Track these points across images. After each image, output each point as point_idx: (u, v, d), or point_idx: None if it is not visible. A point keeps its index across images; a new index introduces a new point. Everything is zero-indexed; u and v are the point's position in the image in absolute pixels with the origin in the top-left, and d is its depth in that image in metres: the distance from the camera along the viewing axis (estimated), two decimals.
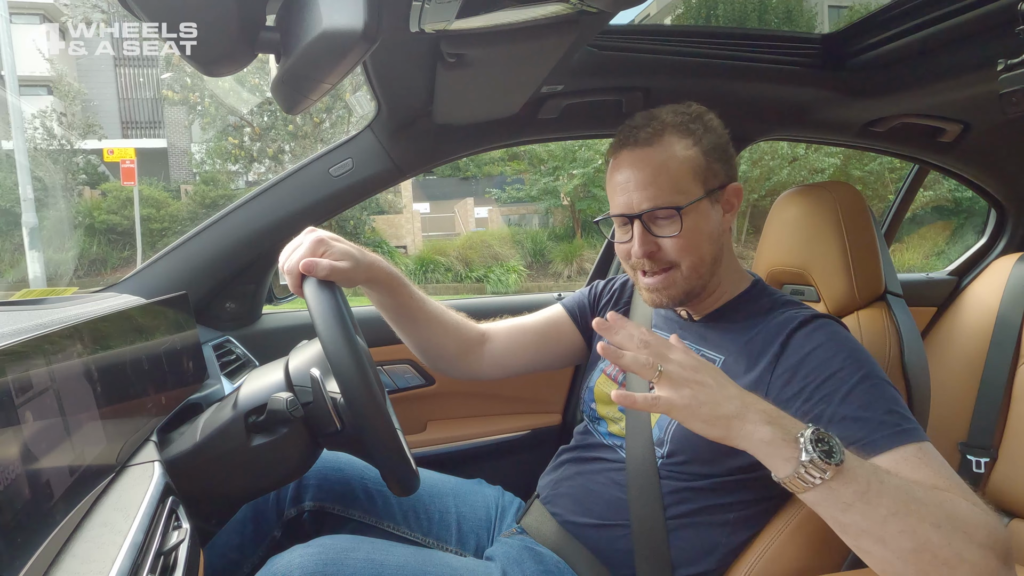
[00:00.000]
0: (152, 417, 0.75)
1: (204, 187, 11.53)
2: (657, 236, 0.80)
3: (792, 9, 11.96)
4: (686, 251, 0.80)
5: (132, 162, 10.18)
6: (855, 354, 0.72)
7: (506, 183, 13.90)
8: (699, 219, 0.80)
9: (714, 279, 0.84)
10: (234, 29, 0.54)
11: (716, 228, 0.82)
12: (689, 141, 0.80)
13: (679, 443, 0.78)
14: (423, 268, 10.51)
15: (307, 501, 0.90)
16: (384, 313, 0.94)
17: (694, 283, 0.82)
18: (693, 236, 0.79)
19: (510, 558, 0.81)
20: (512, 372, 1.02)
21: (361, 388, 0.66)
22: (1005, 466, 1.20)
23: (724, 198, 0.83)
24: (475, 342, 1.00)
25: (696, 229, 0.79)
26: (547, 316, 1.05)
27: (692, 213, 0.79)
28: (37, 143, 10.73)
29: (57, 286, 8.31)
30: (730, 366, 0.79)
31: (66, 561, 0.46)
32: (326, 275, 0.74)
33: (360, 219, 11.00)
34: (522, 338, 1.02)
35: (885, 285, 0.96)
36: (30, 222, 7.60)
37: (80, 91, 12.08)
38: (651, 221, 0.80)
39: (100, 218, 10.54)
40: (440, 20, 0.70)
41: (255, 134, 11.35)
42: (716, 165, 0.81)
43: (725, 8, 11.91)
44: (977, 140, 1.38)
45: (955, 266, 1.75)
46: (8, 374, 0.45)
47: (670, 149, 0.79)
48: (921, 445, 0.64)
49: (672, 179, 0.78)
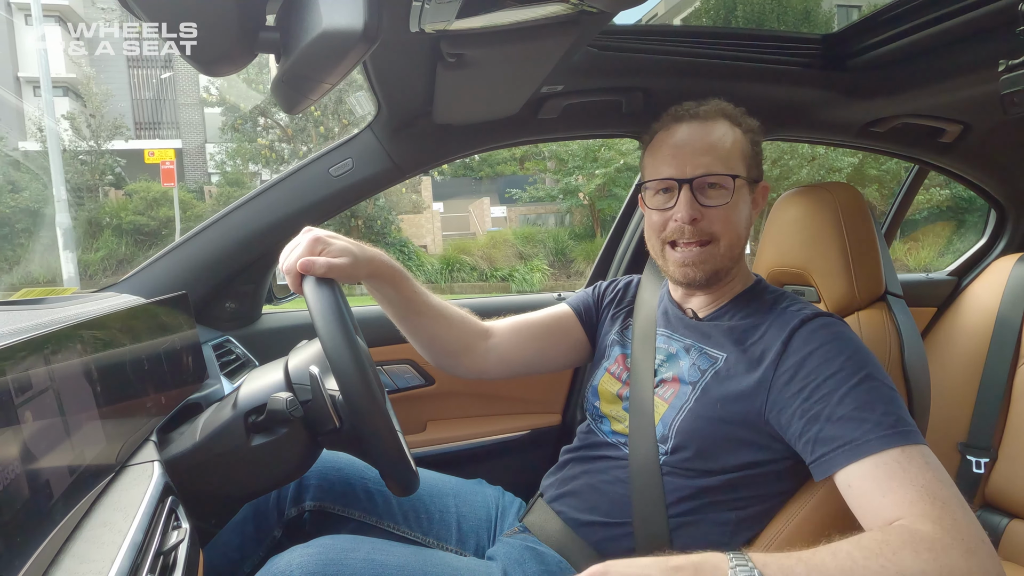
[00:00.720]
0: (152, 417, 0.75)
1: (229, 188, 11.63)
2: (704, 205, 0.81)
3: (811, 10, 11.94)
4: (728, 225, 0.82)
5: (172, 163, 10.34)
6: (856, 355, 0.72)
7: (527, 183, 14.02)
8: (741, 200, 0.84)
9: (735, 269, 0.87)
10: (234, 29, 0.54)
11: (750, 216, 0.86)
12: (740, 130, 0.85)
13: (683, 437, 0.78)
14: (448, 267, 10.62)
15: (307, 501, 0.90)
16: (387, 308, 0.93)
17: (727, 263, 0.84)
18: (736, 212, 0.83)
19: (512, 558, 0.81)
20: (516, 370, 1.02)
21: (360, 386, 0.66)
22: (1005, 466, 1.20)
23: (757, 193, 0.87)
24: (479, 338, 0.99)
25: (739, 207, 0.83)
26: (552, 314, 1.05)
27: (738, 191, 0.83)
28: (65, 144, 10.85)
29: (89, 287, 8.36)
30: (731, 364, 0.79)
31: (65, 561, 0.46)
32: (324, 273, 0.74)
33: (387, 219, 11.11)
34: (527, 335, 1.02)
35: (885, 285, 0.96)
36: (64, 223, 7.65)
37: (108, 92, 12.18)
38: (699, 190, 0.82)
39: (127, 219, 10.67)
40: (440, 20, 0.70)
41: (286, 135, 11.42)
42: (756, 159, 0.86)
43: (744, 9, 11.86)
44: (977, 141, 1.38)
45: (955, 266, 1.75)
46: (8, 374, 0.45)
47: (723, 129, 0.84)
48: (914, 448, 0.63)
49: (727, 154, 0.82)
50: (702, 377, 0.81)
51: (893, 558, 0.55)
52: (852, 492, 0.64)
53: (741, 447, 0.76)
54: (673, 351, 0.87)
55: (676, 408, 0.81)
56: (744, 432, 0.76)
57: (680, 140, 0.84)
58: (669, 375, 0.85)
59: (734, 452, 0.77)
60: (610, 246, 1.58)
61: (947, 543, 0.56)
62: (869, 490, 0.63)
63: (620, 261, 1.56)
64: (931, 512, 0.58)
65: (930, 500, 0.59)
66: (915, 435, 0.65)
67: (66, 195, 7.69)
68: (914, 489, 0.60)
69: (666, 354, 0.88)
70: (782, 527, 0.76)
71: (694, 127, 0.84)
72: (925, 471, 0.62)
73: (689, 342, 0.86)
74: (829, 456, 0.66)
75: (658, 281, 1.00)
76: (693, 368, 0.83)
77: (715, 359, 0.81)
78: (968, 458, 1.24)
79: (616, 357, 0.95)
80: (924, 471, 0.62)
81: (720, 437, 0.77)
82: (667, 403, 0.82)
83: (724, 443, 0.77)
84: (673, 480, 0.79)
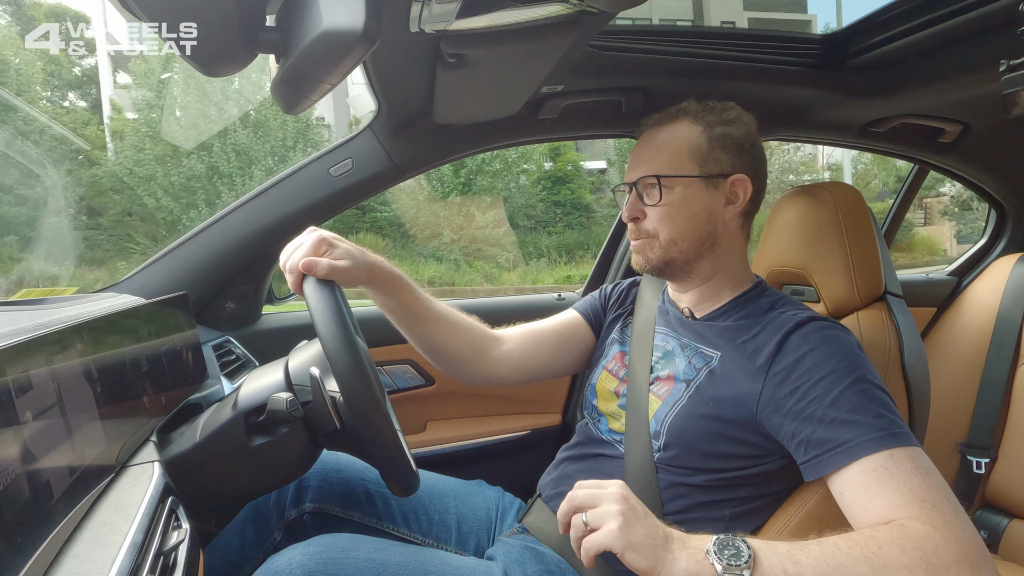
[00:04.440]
0: (152, 417, 0.75)
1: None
2: (645, 204, 0.86)
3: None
4: (664, 222, 0.85)
5: None
6: (849, 358, 0.72)
7: None
8: (688, 197, 0.84)
9: (704, 263, 0.87)
10: (234, 29, 0.54)
11: (705, 211, 0.85)
12: (699, 127, 0.85)
13: (674, 434, 0.79)
14: None
15: (307, 503, 0.90)
16: (389, 315, 0.93)
17: (673, 255, 0.86)
18: (674, 210, 0.84)
19: (511, 558, 0.81)
20: (529, 376, 1.02)
21: (360, 387, 0.66)
22: (1005, 466, 1.20)
23: (727, 187, 0.85)
24: (490, 344, 0.99)
25: (680, 204, 0.84)
26: (563, 321, 1.06)
27: (678, 188, 0.84)
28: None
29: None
30: (725, 363, 0.80)
31: (66, 561, 0.46)
32: (325, 274, 0.74)
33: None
34: (540, 341, 1.02)
35: (885, 285, 0.96)
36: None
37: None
38: (644, 190, 0.86)
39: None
40: (440, 20, 0.70)
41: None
42: (720, 153, 0.85)
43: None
44: (977, 140, 1.38)
45: (955, 266, 1.75)
46: (8, 374, 0.45)
47: (676, 130, 0.86)
48: (904, 451, 0.64)
49: (668, 155, 0.85)
50: (696, 375, 0.81)
51: (878, 551, 0.56)
52: (843, 495, 0.65)
53: (731, 445, 0.77)
54: (670, 348, 0.88)
55: (669, 404, 0.81)
56: (735, 431, 0.76)
57: (635, 149, 0.90)
58: (664, 373, 0.85)
59: (724, 450, 0.77)
60: (608, 249, 1.58)
61: (937, 543, 0.57)
62: (859, 494, 0.63)
63: (619, 264, 1.56)
64: (920, 515, 0.59)
65: (918, 503, 0.60)
66: (907, 437, 0.65)
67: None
68: (901, 493, 0.61)
69: (663, 351, 0.88)
70: (781, 529, 0.76)
71: (649, 133, 0.89)
72: (914, 475, 0.62)
73: (686, 341, 0.87)
74: (821, 458, 0.67)
75: (659, 282, 1.00)
76: (688, 367, 0.83)
77: (710, 358, 0.82)
78: (968, 458, 1.24)
79: (614, 355, 0.96)
80: (913, 475, 0.62)
81: (711, 434, 0.77)
82: (661, 400, 0.83)
83: (715, 440, 0.77)
84: (667, 477, 0.79)
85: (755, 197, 0.88)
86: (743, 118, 0.87)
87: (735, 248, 0.89)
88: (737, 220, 0.88)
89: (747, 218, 0.90)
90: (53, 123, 10.73)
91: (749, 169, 0.86)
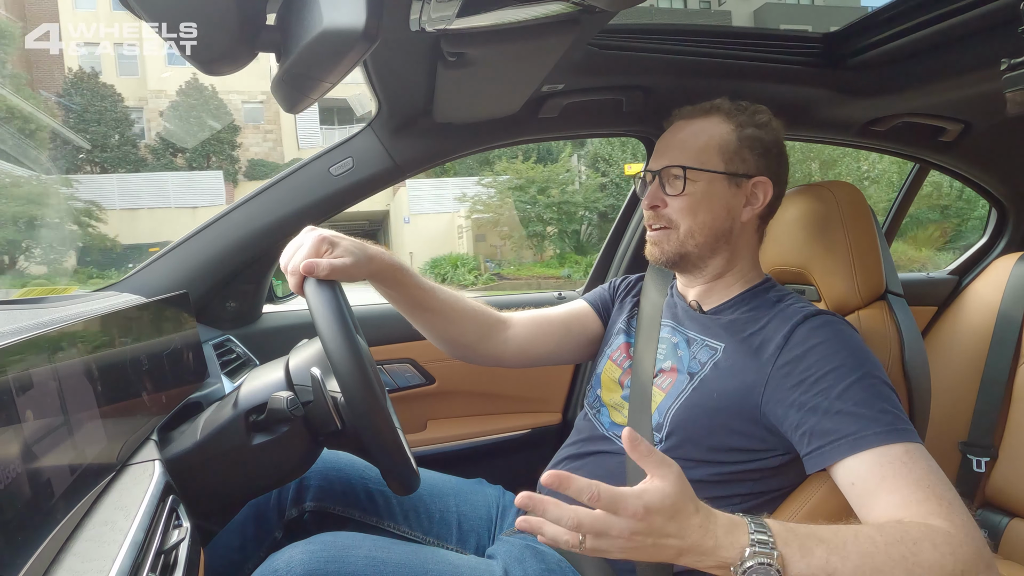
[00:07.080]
0: (152, 416, 0.75)
1: None
2: (667, 194, 0.87)
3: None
4: (685, 213, 0.86)
5: None
6: (856, 352, 0.72)
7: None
8: (710, 192, 0.85)
9: (717, 259, 0.88)
10: (234, 29, 0.54)
11: (725, 208, 0.86)
12: (730, 125, 0.86)
13: (677, 426, 0.79)
14: None
15: (308, 501, 0.90)
16: (395, 306, 0.94)
17: (688, 248, 0.87)
18: (695, 202, 0.85)
19: (512, 556, 0.81)
20: (533, 360, 1.03)
21: (361, 387, 0.66)
22: (1005, 466, 1.20)
23: (748, 188, 0.86)
24: (496, 328, 1.00)
25: (702, 198, 0.85)
26: (571, 309, 1.07)
27: (702, 182, 0.85)
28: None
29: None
30: (730, 356, 0.80)
31: (67, 560, 0.46)
32: (326, 275, 0.74)
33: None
34: (547, 327, 1.03)
35: (886, 284, 0.96)
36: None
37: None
38: (666, 180, 0.87)
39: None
40: (440, 19, 0.70)
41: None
42: (748, 153, 0.86)
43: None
44: (978, 139, 1.38)
45: (955, 265, 1.75)
46: (8, 373, 0.45)
47: (707, 125, 0.87)
48: (909, 446, 0.64)
49: (697, 148, 0.85)
50: (701, 369, 0.81)
51: (913, 547, 0.55)
52: (854, 485, 0.64)
53: (734, 438, 0.77)
54: (675, 341, 0.88)
55: (672, 397, 0.81)
56: (738, 423, 0.76)
57: (663, 137, 0.91)
58: (668, 365, 0.86)
59: (726, 443, 0.77)
60: (610, 246, 1.58)
61: (961, 539, 0.57)
62: (873, 486, 0.63)
63: (620, 261, 1.56)
64: (939, 511, 0.59)
65: (936, 500, 0.60)
66: (912, 434, 0.65)
67: None
68: (920, 488, 0.61)
69: (669, 344, 0.89)
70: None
71: (679, 125, 0.89)
72: (929, 472, 0.62)
73: (692, 334, 0.87)
74: (826, 448, 0.67)
75: (665, 277, 1.01)
76: (693, 360, 0.83)
77: (715, 350, 0.82)
78: (968, 457, 1.24)
79: (619, 345, 0.96)
80: (928, 472, 0.62)
81: (714, 427, 0.77)
82: (664, 392, 0.83)
83: (717, 433, 0.77)
84: None
85: (773, 202, 0.88)
86: (772, 123, 0.88)
87: (748, 248, 0.90)
88: (754, 222, 0.89)
89: (763, 221, 0.90)
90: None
91: (772, 174, 0.87)
